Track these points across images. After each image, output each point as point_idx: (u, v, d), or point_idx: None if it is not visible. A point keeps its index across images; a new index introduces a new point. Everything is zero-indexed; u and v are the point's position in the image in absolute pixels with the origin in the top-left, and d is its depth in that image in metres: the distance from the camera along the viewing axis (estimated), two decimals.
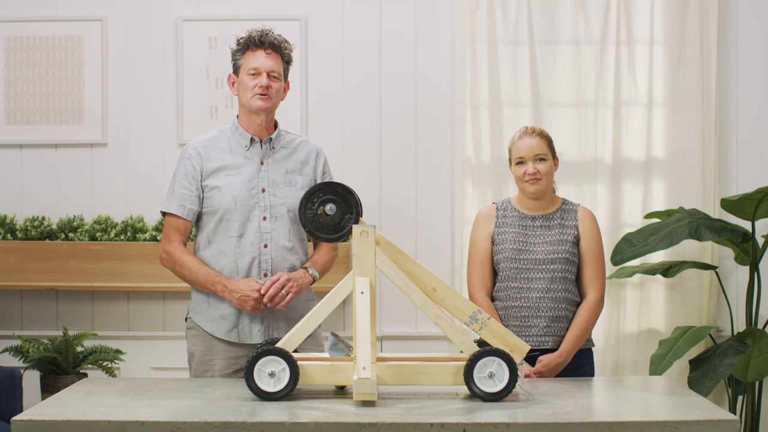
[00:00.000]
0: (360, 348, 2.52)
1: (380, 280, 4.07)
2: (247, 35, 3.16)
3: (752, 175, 4.39)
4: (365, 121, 4.45)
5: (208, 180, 3.13)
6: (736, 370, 3.94)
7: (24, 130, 4.44)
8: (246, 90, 3.13)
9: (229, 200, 3.11)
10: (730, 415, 2.37)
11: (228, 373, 3.12)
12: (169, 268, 3.18)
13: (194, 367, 3.18)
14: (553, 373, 3.15)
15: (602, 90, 4.38)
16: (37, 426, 2.33)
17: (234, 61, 3.18)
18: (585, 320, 3.20)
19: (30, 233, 4.33)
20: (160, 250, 3.18)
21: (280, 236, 3.14)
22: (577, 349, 3.20)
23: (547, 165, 3.22)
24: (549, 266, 3.19)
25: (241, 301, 3.05)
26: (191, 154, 3.16)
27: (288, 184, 3.17)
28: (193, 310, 3.19)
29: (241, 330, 3.12)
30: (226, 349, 3.13)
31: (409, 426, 2.29)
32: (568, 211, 3.28)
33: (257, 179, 3.14)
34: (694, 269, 4.27)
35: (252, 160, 3.16)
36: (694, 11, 4.34)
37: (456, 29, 4.43)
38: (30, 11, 4.45)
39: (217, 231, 3.13)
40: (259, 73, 3.11)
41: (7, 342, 4.27)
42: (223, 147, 3.17)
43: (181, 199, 3.14)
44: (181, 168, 3.17)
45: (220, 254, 3.12)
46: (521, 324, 3.19)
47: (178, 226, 3.15)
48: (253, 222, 3.12)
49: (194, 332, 3.18)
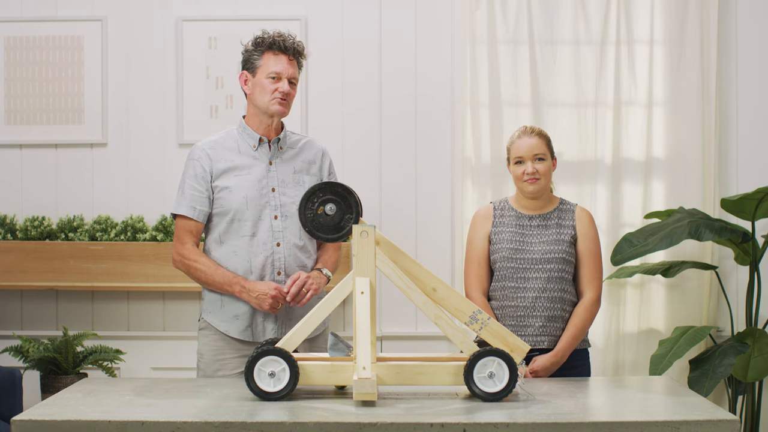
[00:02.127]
0: (360, 348, 2.52)
1: (380, 280, 4.07)
2: (270, 36, 3.14)
3: (752, 175, 4.39)
4: (365, 121, 4.45)
5: (218, 181, 3.14)
6: (736, 370, 3.94)
7: (24, 130, 4.44)
8: (264, 93, 3.12)
9: (240, 200, 3.11)
10: (730, 415, 2.37)
11: (240, 372, 3.12)
12: (183, 270, 3.18)
13: (203, 368, 3.18)
14: (548, 373, 3.14)
15: (602, 90, 4.38)
16: (37, 426, 2.33)
17: (248, 59, 3.16)
18: (581, 320, 3.20)
19: (30, 233, 4.33)
20: (173, 252, 3.19)
21: (292, 235, 3.15)
22: (573, 349, 3.19)
23: (546, 165, 3.22)
24: (545, 266, 3.19)
25: (259, 300, 3.06)
26: (199, 155, 3.16)
27: (297, 184, 3.18)
28: (206, 310, 3.19)
29: (255, 328, 3.14)
30: (239, 347, 3.14)
31: (409, 426, 2.29)
32: (566, 211, 3.28)
33: (267, 179, 3.15)
34: (694, 269, 4.27)
35: (261, 161, 3.17)
36: (694, 11, 4.35)
37: (456, 29, 4.43)
38: (30, 11, 4.45)
39: (228, 231, 3.14)
40: (281, 78, 3.12)
41: (7, 342, 4.28)
42: (231, 148, 3.17)
43: (191, 200, 3.14)
44: (189, 170, 3.16)
45: (232, 254, 3.13)
46: (517, 323, 3.18)
47: (190, 228, 3.15)
48: (264, 221, 3.13)
49: (207, 332, 3.19)
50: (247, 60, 3.17)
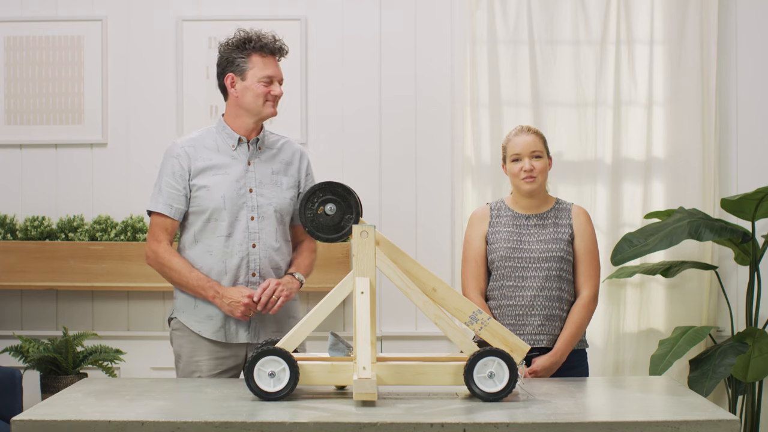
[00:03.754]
0: (360, 348, 2.52)
1: (380, 280, 4.07)
2: (256, 37, 3.09)
3: (752, 175, 4.39)
4: (365, 121, 4.45)
5: (196, 179, 3.11)
6: (736, 370, 3.94)
7: (24, 130, 4.44)
8: (256, 96, 3.10)
9: (217, 199, 3.09)
10: (730, 415, 2.37)
11: (215, 374, 3.10)
12: (156, 268, 3.15)
13: (182, 368, 3.15)
14: (549, 373, 3.14)
15: (602, 90, 4.38)
16: (37, 426, 2.33)
17: (232, 60, 3.11)
18: (579, 318, 3.19)
19: (30, 233, 4.33)
20: (147, 249, 3.15)
21: (267, 236, 3.13)
22: (572, 347, 3.19)
23: (543, 162, 3.23)
24: (543, 264, 3.19)
25: (231, 307, 3.04)
26: (178, 153, 3.13)
27: (274, 185, 3.16)
28: (179, 309, 3.16)
29: (228, 330, 3.11)
30: (213, 349, 3.11)
31: (409, 426, 2.29)
32: (562, 210, 3.27)
33: (245, 179, 3.13)
34: (694, 269, 4.27)
35: (239, 160, 3.14)
36: (694, 11, 4.35)
37: (456, 29, 4.43)
38: (30, 11, 4.45)
39: (204, 230, 3.11)
40: (273, 81, 3.11)
41: (7, 342, 4.28)
42: (210, 146, 3.15)
43: (168, 198, 3.11)
44: (168, 167, 3.13)
45: (207, 253, 3.10)
46: (515, 323, 3.18)
47: (166, 226, 3.12)
48: (241, 222, 3.10)
49: (180, 333, 3.15)
50: (231, 61, 3.11)
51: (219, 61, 3.16)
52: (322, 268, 4.28)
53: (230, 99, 3.16)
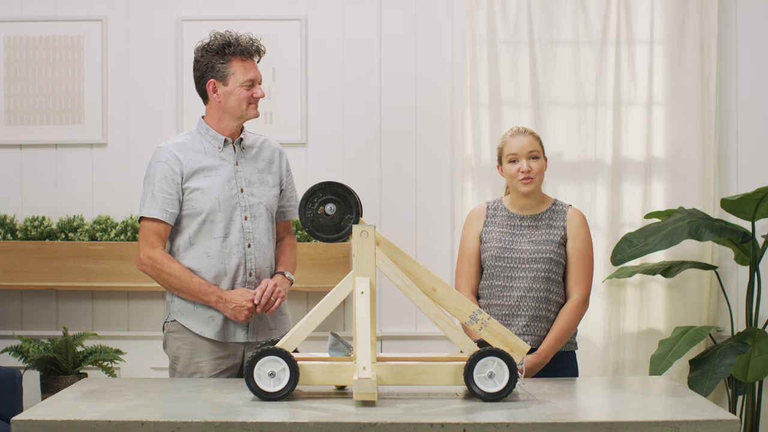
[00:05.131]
0: (360, 348, 2.52)
1: (380, 280, 4.07)
2: (234, 40, 3.08)
3: (752, 175, 4.39)
4: (365, 121, 4.45)
5: (189, 182, 3.10)
6: (736, 370, 3.94)
7: (24, 130, 4.44)
8: (240, 101, 3.10)
9: (212, 201, 3.09)
10: (730, 415, 2.37)
11: (215, 374, 3.10)
12: (151, 274, 3.11)
13: (180, 371, 3.13)
14: (531, 374, 3.10)
15: (602, 90, 4.38)
16: (37, 426, 2.33)
17: (213, 66, 3.09)
18: (566, 321, 3.17)
19: (30, 233, 4.33)
20: (140, 255, 3.10)
21: (260, 235, 3.15)
22: (557, 349, 3.17)
23: (540, 163, 3.22)
24: (532, 265, 3.18)
25: (235, 312, 3.05)
26: (167, 157, 3.11)
27: (262, 183, 3.18)
28: (178, 312, 3.14)
29: (227, 330, 3.12)
30: (213, 349, 3.11)
31: (409, 426, 2.29)
32: (558, 212, 3.26)
33: (235, 179, 3.14)
34: (694, 269, 4.27)
35: (227, 161, 3.15)
36: (694, 11, 4.35)
37: (456, 29, 4.43)
38: (30, 11, 4.45)
39: (200, 232, 3.10)
40: (254, 84, 3.12)
41: (7, 342, 4.28)
42: (197, 149, 3.15)
43: (162, 203, 3.09)
44: (158, 172, 3.11)
45: (204, 256, 3.10)
46: (502, 322, 3.14)
47: (159, 231, 3.09)
48: (236, 222, 3.11)
49: (178, 335, 3.14)
50: (212, 67, 3.10)
51: (197, 67, 3.15)
52: (322, 268, 4.29)
53: (212, 103, 3.16)
